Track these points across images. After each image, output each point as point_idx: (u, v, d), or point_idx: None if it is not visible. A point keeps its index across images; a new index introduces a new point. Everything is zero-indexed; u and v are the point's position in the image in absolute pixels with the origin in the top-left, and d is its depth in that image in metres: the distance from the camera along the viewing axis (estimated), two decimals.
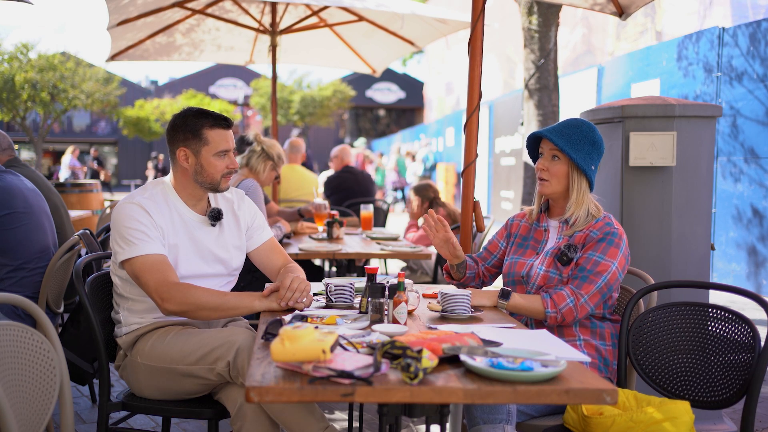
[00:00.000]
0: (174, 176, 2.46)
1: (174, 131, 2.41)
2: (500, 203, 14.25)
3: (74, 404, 3.72)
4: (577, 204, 2.41)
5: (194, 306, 2.22)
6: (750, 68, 7.15)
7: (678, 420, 1.98)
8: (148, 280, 2.23)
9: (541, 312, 2.34)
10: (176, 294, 2.21)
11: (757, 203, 7.04)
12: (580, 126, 2.43)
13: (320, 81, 30.28)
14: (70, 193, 7.25)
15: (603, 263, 2.32)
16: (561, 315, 2.31)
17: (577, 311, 2.31)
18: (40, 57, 22.65)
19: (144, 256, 2.24)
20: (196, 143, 2.38)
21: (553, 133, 2.41)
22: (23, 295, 2.90)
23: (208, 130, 2.38)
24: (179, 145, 2.40)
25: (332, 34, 6.64)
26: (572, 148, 2.38)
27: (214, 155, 2.38)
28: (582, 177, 2.41)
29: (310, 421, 2.09)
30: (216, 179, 2.41)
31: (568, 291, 2.32)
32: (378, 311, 2.06)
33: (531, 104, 7.42)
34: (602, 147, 2.44)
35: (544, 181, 2.45)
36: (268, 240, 2.62)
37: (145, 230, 2.27)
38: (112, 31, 5.60)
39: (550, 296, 2.34)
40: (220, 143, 2.39)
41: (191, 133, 2.38)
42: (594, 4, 4.08)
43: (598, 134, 2.44)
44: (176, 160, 2.42)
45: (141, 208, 2.31)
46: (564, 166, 2.41)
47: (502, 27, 15.64)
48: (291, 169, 6.43)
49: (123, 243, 2.27)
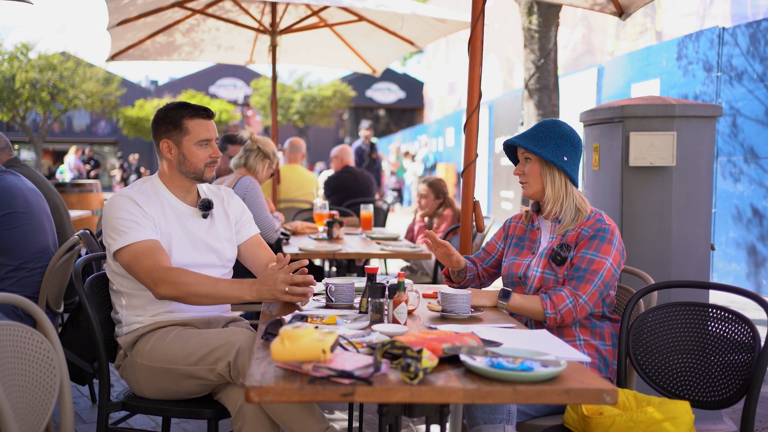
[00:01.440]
0: (161, 170, 2.50)
1: (156, 124, 2.47)
2: (500, 203, 14.25)
3: (74, 404, 3.72)
4: (555, 198, 2.45)
5: (186, 291, 2.24)
6: (750, 68, 7.15)
7: (678, 420, 1.98)
8: (141, 266, 2.24)
9: (541, 313, 2.35)
10: (168, 277, 2.23)
11: (757, 203, 7.04)
12: (545, 124, 2.50)
13: (320, 81, 30.27)
14: (70, 193, 7.26)
15: (597, 260, 2.33)
16: (560, 316, 2.32)
17: (577, 312, 2.32)
18: (40, 57, 22.66)
19: (136, 243, 2.27)
20: (178, 134, 2.43)
21: (520, 138, 2.50)
22: (23, 295, 2.90)
23: (188, 120, 2.43)
24: (162, 137, 2.45)
25: (332, 34, 6.64)
26: (537, 145, 2.44)
27: (195, 144, 2.42)
28: (555, 171, 2.44)
29: (310, 421, 2.09)
30: (199, 168, 2.44)
31: (567, 292, 2.33)
32: (378, 311, 2.06)
33: (531, 104, 7.42)
34: (574, 138, 2.47)
35: (524, 184, 2.53)
36: (254, 235, 2.65)
37: (135, 219, 2.30)
38: (112, 31, 5.60)
39: (549, 297, 2.35)
40: (200, 132, 2.43)
41: (172, 124, 2.43)
42: (594, 4, 4.08)
43: (566, 127, 2.48)
44: (161, 152, 2.47)
45: (130, 199, 2.34)
46: (536, 165, 2.47)
47: (502, 27, 15.64)
48: (291, 169, 6.43)
49: (114, 234, 2.29)
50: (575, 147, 2.46)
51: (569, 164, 2.44)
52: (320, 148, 34.97)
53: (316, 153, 34.61)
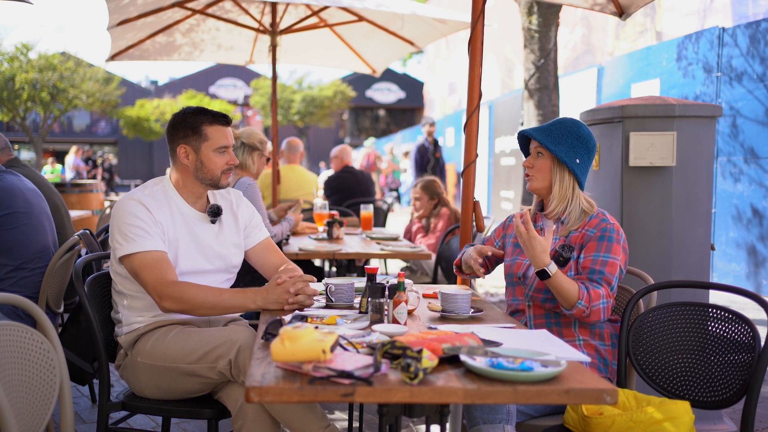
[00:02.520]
0: (174, 174, 2.48)
1: (174, 129, 2.44)
2: (500, 203, 14.24)
3: (74, 404, 3.72)
4: (561, 198, 2.43)
5: (191, 305, 2.25)
6: (750, 68, 7.15)
7: (678, 420, 1.98)
8: (147, 278, 2.25)
9: (574, 299, 2.24)
10: (173, 293, 2.23)
11: (757, 203, 7.04)
12: (564, 122, 2.47)
13: (320, 81, 30.27)
14: (70, 193, 7.25)
15: (610, 262, 2.32)
16: (589, 311, 2.25)
17: (605, 315, 2.28)
18: (39, 57, 22.65)
19: (143, 253, 2.26)
20: (196, 140, 2.41)
21: (537, 131, 2.46)
22: (23, 295, 2.90)
23: (208, 127, 2.41)
24: (179, 142, 2.42)
25: (332, 34, 6.64)
26: (553, 142, 2.41)
27: (214, 151, 2.41)
28: (565, 171, 2.42)
29: (311, 419, 2.09)
30: (216, 175, 2.43)
31: (606, 291, 2.27)
32: (378, 311, 2.06)
33: (531, 104, 7.42)
34: (590, 141, 2.45)
35: (530, 177, 2.50)
36: (264, 239, 2.64)
37: (144, 227, 2.29)
38: (112, 31, 5.60)
39: (588, 290, 2.26)
40: (219, 139, 2.42)
41: (191, 129, 2.41)
42: (594, 4, 4.08)
43: (584, 129, 2.46)
44: (176, 157, 2.44)
45: (141, 204, 2.32)
46: (547, 161, 2.45)
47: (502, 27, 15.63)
48: (291, 169, 6.42)
49: (122, 239, 2.28)
50: (589, 151, 2.44)
51: (580, 167, 2.42)
52: (320, 148, 34.96)
53: (316, 153, 34.61)
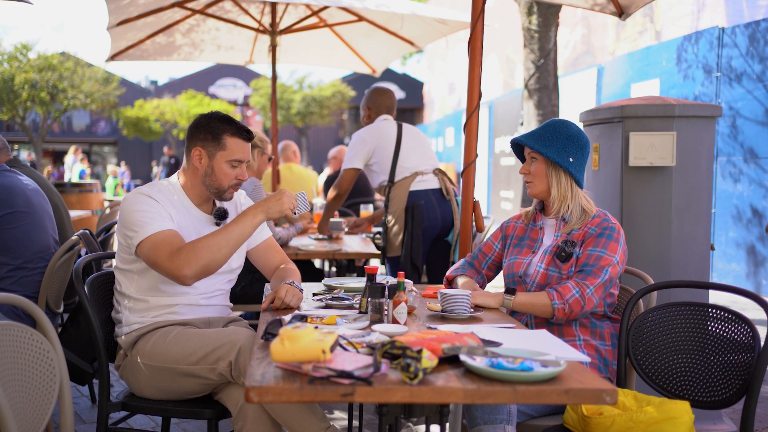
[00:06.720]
0: (184, 175, 2.48)
1: (196, 129, 2.43)
2: (500, 203, 14.24)
3: (74, 404, 3.72)
4: (561, 198, 2.45)
5: (208, 258, 2.22)
6: (749, 68, 7.16)
7: (678, 420, 1.98)
8: (160, 256, 2.21)
9: (548, 305, 2.31)
10: (186, 257, 2.20)
11: (757, 203, 7.04)
12: (553, 124, 2.49)
13: (320, 81, 30.25)
14: (70, 193, 7.26)
15: (605, 257, 2.33)
16: (568, 306, 2.29)
17: (584, 301, 2.29)
18: (39, 57, 22.62)
19: (154, 234, 2.24)
20: (214, 146, 2.40)
21: (527, 137, 2.49)
22: (23, 294, 2.90)
23: (229, 137, 2.40)
24: (197, 144, 2.42)
25: (332, 34, 6.64)
26: (544, 145, 2.43)
27: (227, 162, 2.40)
28: (560, 171, 2.44)
29: (311, 420, 2.09)
30: (223, 186, 2.43)
31: (573, 283, 2.31)
32: (378, 311, 2.06)
33: (531, 104, 7.43)
34: (581, 139, 2.45)
35: (529, 183, 2.52)
36: (266, 239, 2.65)
37: (153, 212, 2.29)
38: (112, 31, 5.60)
39: (555, 290, 2.32)
40: (236, 152, 2.41)
41: (211, 134, 2.40)
42: (594, 4, 4.08)
43: (573, 128, 2.47)
44: (190, 158, 2.44)
45: (148, 196, 2.33)
46: (542, 165, 2.46)
47: (502, 27, 15.63)
48: (289, 169, 6.43)
49: (134, 227, 2.27)
50: (582, 148, 2.45)
51: (575, 165, 2.43)
52: (320, 148, 34.94)
53: (316, 153, 34.60)
